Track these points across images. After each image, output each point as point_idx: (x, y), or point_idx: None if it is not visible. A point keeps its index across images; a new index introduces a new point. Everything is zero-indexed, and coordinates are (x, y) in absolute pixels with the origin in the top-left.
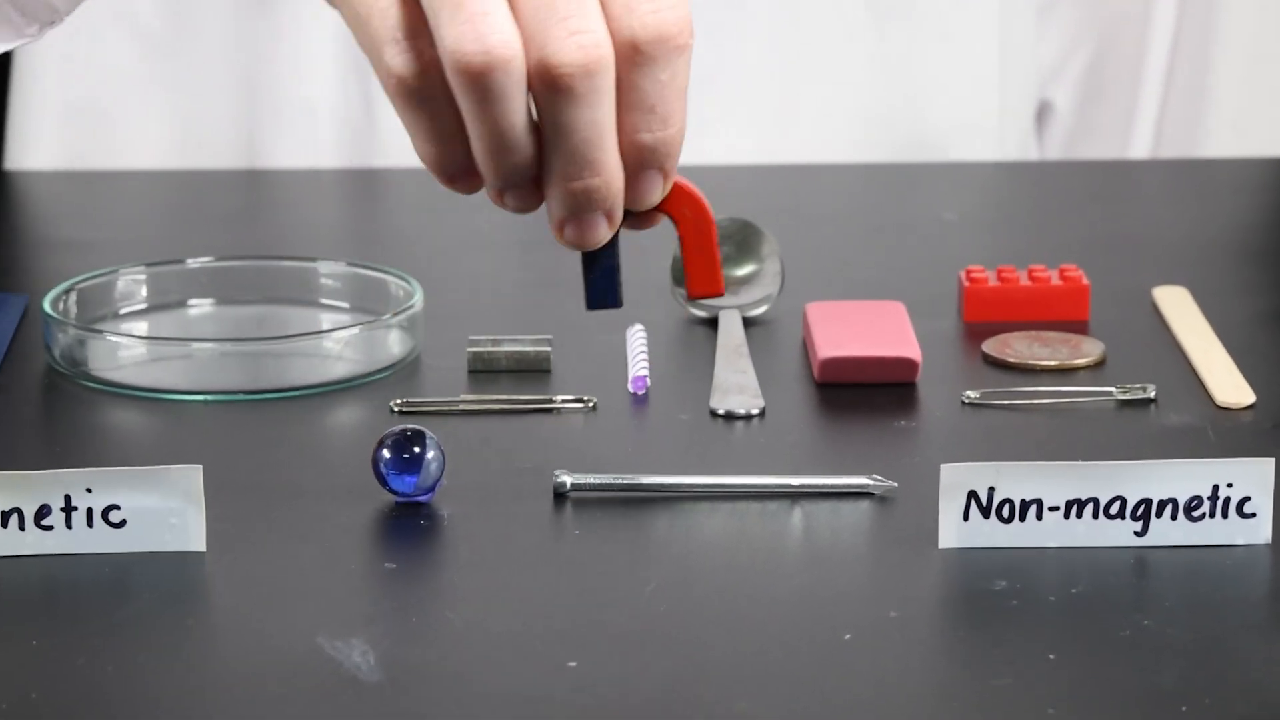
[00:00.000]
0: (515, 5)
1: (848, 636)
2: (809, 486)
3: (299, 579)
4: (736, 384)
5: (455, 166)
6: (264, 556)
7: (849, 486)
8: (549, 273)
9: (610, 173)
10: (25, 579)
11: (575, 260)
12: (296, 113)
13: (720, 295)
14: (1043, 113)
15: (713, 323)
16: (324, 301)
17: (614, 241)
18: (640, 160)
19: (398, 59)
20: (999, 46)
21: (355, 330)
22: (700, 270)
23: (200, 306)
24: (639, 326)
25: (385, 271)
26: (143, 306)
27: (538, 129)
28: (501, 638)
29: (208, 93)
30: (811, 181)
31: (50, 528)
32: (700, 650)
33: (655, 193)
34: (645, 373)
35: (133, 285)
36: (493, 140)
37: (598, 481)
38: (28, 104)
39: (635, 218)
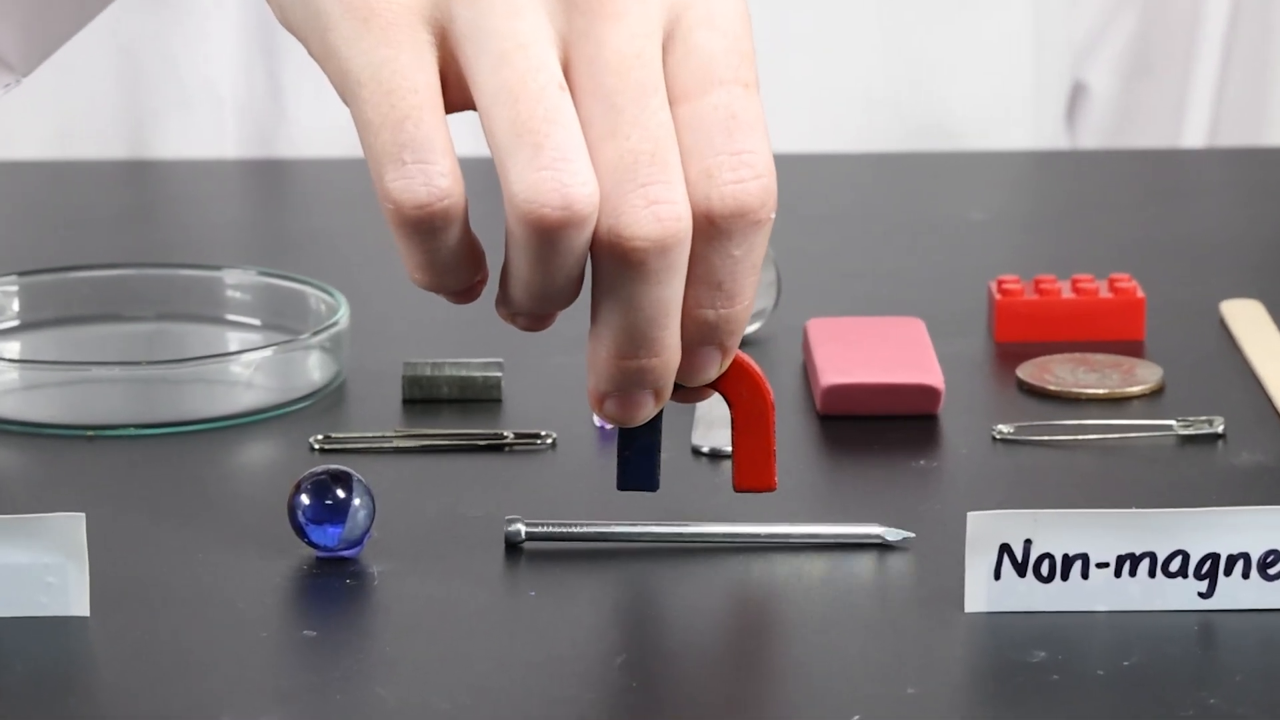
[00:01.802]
0: (594, 156)
1: (856, 718)
2: (810, 537)
3: (201, 648)
4: (724, 416)
5: (453, 289)
6: (159, 621)
7: (857, 537)
8: (497, 283)
9: (669, 352)
10: None
11: None
12: (191, 94)
13: (772, 490)
14: (1075, 95)
15: None
16: (230, 318)
17: (657, 418)
18: (700, 336)
19: (398, 183)
20: (1030, 16)
21: (268, 352)
22: (751, 459)
23: (82, 324)
24: None
25: (303, 282)
26: (14, 324)
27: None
28: (443, 718)
29: (87, 70)
30: (811, 174)
31: None
32: None
33: (711, 370)
34: None
35: (1, 298)
36: (538, 285)
37: (558, 530)
38: None
39: (683, 391)
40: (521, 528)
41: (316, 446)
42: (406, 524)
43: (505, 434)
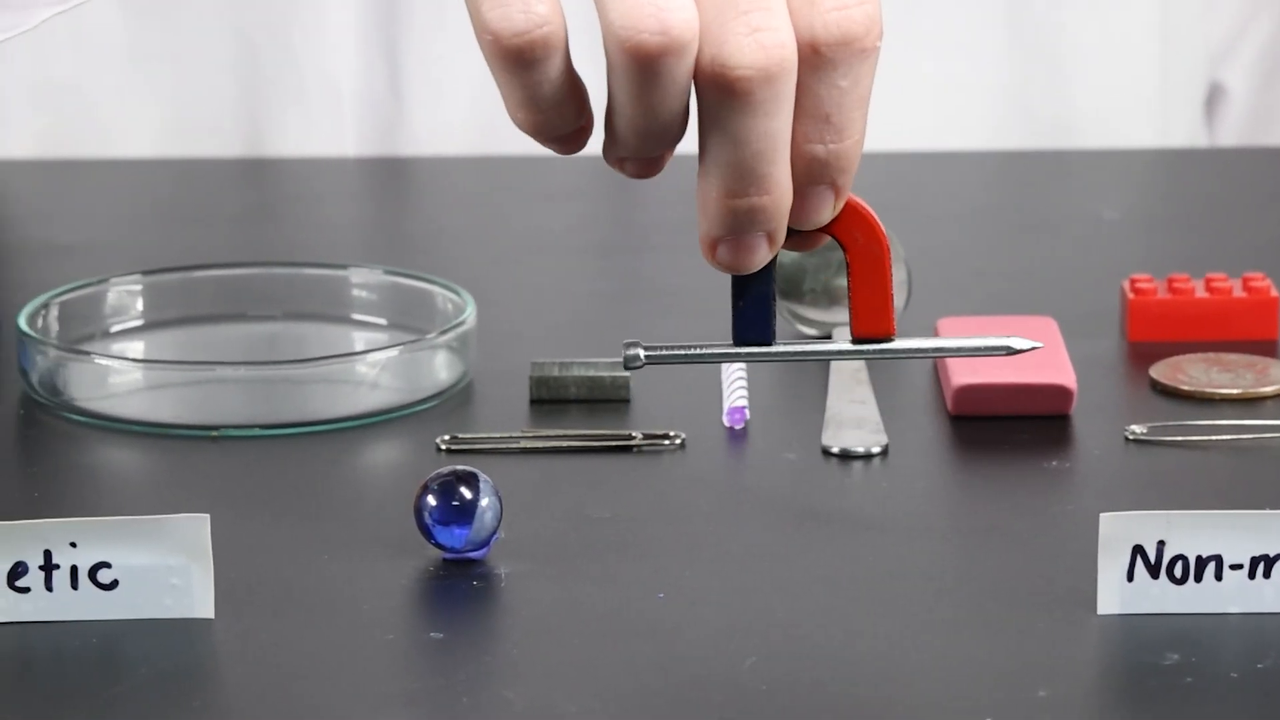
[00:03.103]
0: None
1: None
2: (939, 350)
3: (326, 651)
4: (854, 417)
5: (558, 131)
6: (284, 624)
7: (986, 349)
8: (627, 281)
9: (780, 190)
10: None
11: (658, 266)
12: (310, 88)
13: (891, 338)
14: (1213, 96)
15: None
16: (356, 317)
17: (771, 266)
18: (810, 174)
19: (496, 12)
20: (1160, 13)
21: (394, 352)
22: (868, 305)
23: (207, 323)
24: None
25: (430, 280)
26: (137, 323)
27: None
28: None
29: (205, 63)
30: (942, 172)
31: (27, 590)
32: None
33: (825, 211)
34: (744, 403)
35: (125, 298)
36: (642, 121)
37: (679, 354)
38: None
39: (797, 238)
40: (640, 351)
41: (443, 447)
42: (534, 525)
43: (634, 435)
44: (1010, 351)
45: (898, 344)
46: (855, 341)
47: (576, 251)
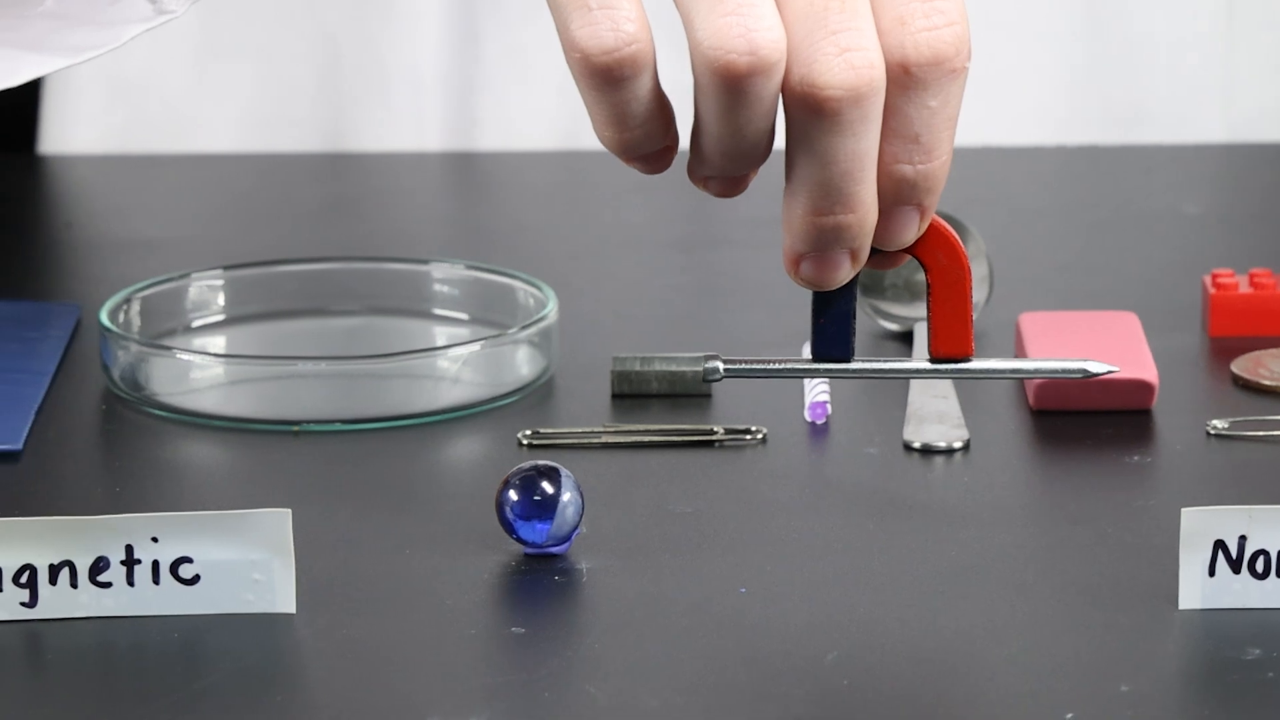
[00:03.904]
0: (782, 5)
1: (1070, 716)
2: (1014, 372)
3: (408, 645)
4: (935, 412)
5: (644, 150)
6: (366, 619)
7: (1061, 372)
8: (708, 277)
9: (866, 209)
10: (78, 646)
11: (740, 261)
12: (392, 81)
13: (969, 358)
14: None
15: (907, 337)
16: (437, 312)
17: (853, 283)
18: (896, 195)
19: (584, 30)
20: (1227, 5)
21: (476, 347)
22: (948, 326)
23: (288, 318)
24: None
25: (511, 275)
26: (219, 318)
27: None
28: (652, 717)
29: (286, 60)
30: (1024, 166)
31: (108, 585)
32: None
33: (910, 232)
34: (826, 398)
35: (207, 293)
36: (729, 140)
37: (758, 367)
38: (71, 74)
39: (879, 256)
40: (720, 364)
41: (525, 442)
42: (615, 520)
43: (715, 429)
44: (1086, 375)
45: (975, 364)
46: (934, 361)
47: (658, 246)
